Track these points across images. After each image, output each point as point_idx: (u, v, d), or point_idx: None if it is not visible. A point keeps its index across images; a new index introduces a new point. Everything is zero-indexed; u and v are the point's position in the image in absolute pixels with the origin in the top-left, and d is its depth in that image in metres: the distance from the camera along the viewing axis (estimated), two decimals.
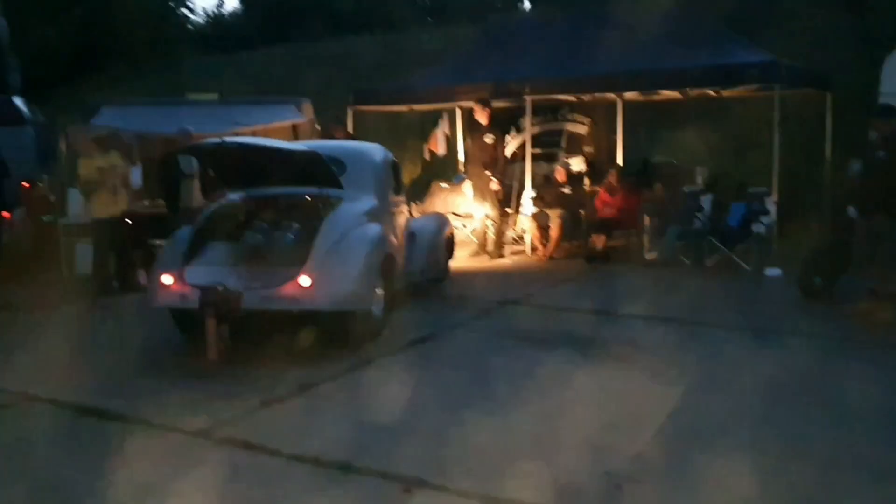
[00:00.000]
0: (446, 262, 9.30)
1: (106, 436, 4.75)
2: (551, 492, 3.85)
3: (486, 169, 10.82)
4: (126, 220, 9.35)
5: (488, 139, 10.79)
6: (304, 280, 6.05)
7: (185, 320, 6.52)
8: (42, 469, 4.29)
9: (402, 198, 8.33)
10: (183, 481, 4.05)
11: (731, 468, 4.04)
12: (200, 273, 6.25)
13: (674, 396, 5.21)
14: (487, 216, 11.12)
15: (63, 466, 4.31)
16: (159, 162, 10.10)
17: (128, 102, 13.11)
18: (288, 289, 6.05)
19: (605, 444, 4.43)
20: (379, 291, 6.79)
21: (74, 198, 10.28)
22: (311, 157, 6.86)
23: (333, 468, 4.15)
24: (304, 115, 12.47)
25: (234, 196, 7.49)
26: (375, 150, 8.11)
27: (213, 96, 13.09)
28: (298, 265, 6.13)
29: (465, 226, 12.22)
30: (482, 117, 10.86)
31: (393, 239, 7.46)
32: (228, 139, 7.47)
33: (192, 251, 6.53)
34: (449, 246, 9.38)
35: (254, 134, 11.01)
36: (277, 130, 11.69)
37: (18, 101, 12.25)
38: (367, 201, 7.23)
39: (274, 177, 7.22)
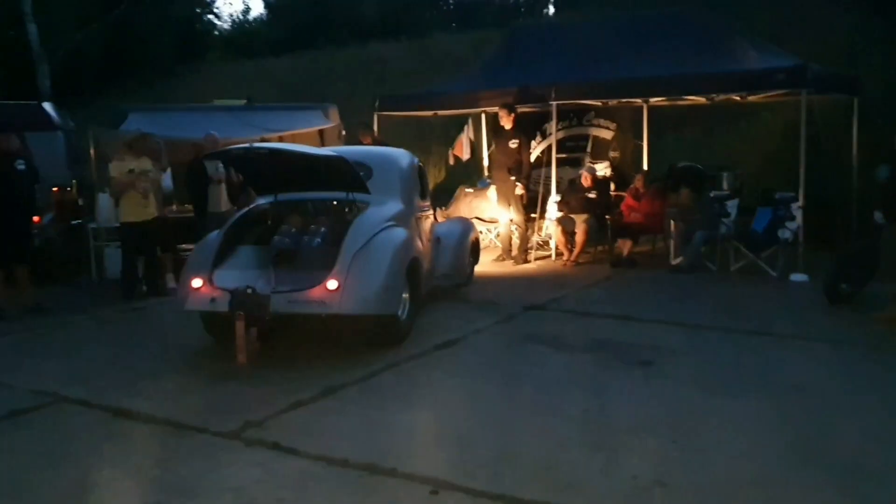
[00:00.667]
0: (471, 266, 9.33)
1: (137, 437, 4.84)
2: (578, 496, 3.86)
3: (510, 174, 10.82)
4: (163, 224, 9.45)
5: (513, 144, 10.79)
6: (332, 284, 6.10)
7: (215, 323, 6.61)
8: (74, 469, 4.35)
9: (427, 202, 8.38)
10: (213, 482, 4.11)
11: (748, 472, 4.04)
12: (229, 277, 6.32)
13: (702, 400, 5.21)
14: (512, 221, 11.12)
15: (95, 467, 4.38)
16: (187, 167, 10.25)
17: (155, 108, 13.27)
18: (315, 292, 6.09)
19: (632, 447, 4.43)
20: (405, 295, 6.83)
21: (104, 202, 10.43)
22: (338, 162, 6.92)
23: (361, 469, 4.19)
24: (331, 120, 12.60)
25: (262, 201, 7.57)
26: (401, 156, 8.18)
27: (241, 102, 13.23)
28: (326, 269, 6.19)
29: (489, 231, 12.26)
30: (507, 122, 10.86)
31: (419, 243, 7.50)
32: (256, 144, 7.56)
33: (221, 255, 6.61)
34: (474, 250, 9.41)
35: (281, 139, 11.13)
36: (304, 136, 11.81)
37: (48, 107, 12.42)
38: (394, 206, 7.28)
39: (301, 182, 7.29)
